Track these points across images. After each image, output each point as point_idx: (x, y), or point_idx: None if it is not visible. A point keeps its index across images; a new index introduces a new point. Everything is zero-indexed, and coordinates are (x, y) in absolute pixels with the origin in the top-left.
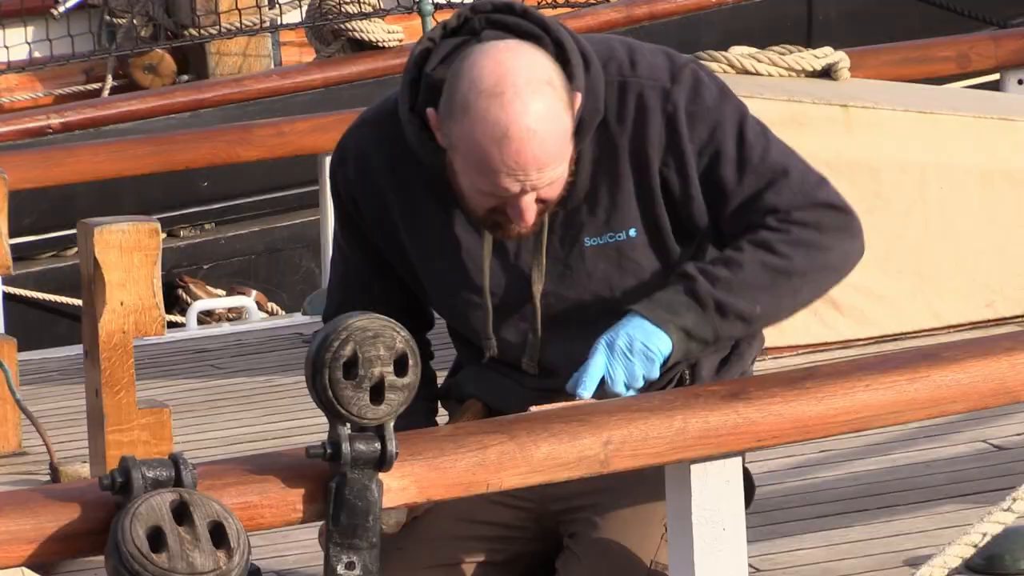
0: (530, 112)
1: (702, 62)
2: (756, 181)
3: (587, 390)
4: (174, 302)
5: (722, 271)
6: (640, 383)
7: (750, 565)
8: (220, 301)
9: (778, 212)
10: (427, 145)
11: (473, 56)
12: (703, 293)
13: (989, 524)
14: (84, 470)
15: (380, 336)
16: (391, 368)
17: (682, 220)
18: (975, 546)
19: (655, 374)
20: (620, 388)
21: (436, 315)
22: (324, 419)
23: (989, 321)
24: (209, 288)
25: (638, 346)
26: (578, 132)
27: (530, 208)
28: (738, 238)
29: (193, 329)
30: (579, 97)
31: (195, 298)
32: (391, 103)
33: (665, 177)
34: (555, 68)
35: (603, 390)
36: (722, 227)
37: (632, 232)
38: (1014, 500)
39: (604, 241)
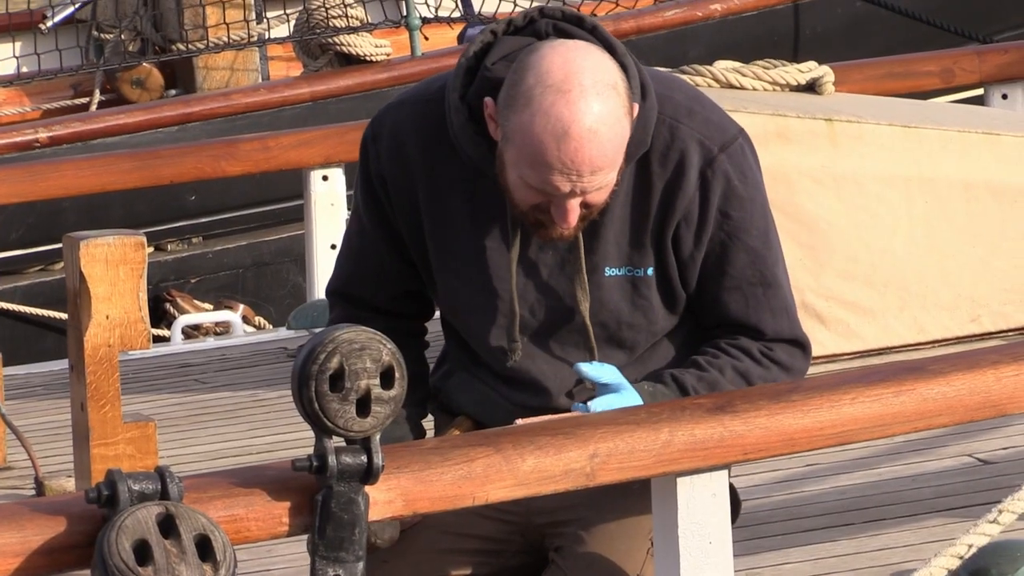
0: (593, 113)
1: (686, 75)
2: (761, 284)
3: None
4: (161, 316)
5: (703, 389)
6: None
7: None
8: (204, 315)
9: (764, 337)
10: (472, 137)
11: (542, 50)
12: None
13: (975, 536)
14: (69, 484)
15: (366, 348)
16: (377, 380)
17: (680, 274)
18: (960, 557)
19: None
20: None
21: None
22: (308, 433)
23: (974, 335)
24: (196, 302)
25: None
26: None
27: (574, 211)
28: (722, 348)
29: (177, 344)
30: (636, 108)
31: (182, 312)
32: (435, 88)
33: (679, 233)
34: (620, 74)
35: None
36: (704, 301)
37: (650, 271)
38: (1000, 512)
39: (623, 273)
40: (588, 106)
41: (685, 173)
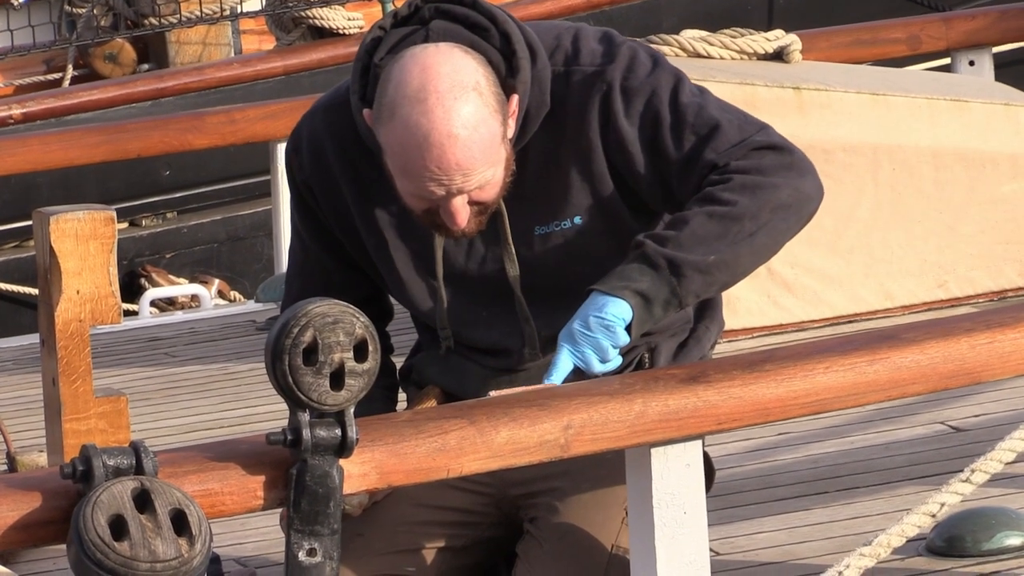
0: (451, 118)
1: (653, 45)
2: (694, 138)
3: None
4: (137, 292)
5: (668, 231)
6: (612, 354)
7: (710, 548)
8: (172, 289)
9: (717, 166)
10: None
11: (403, 60)
12: (652, 254)
13: (947, 495)
14: (41, 459)
15: (340, 322)
16: (351, 354)
17: (639, 197)
18: (933, 516)
19: (622, 340)
20: (597, 367)
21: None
22: (279, 406)
23: (942, 302)
24: (171, 277)
25: (593, 321)
26: (524, 125)
27: (461, 210)
28: (689, 198)
29: (146, 318)
30: (515, 99)
31: (157, 287)
32: (343, 91)
33: (610, 158)
34: (485, 72)
35: (583, 375)
36: (673, 195)
37: (577, 219)
38: (972, 472)
39: (551, 229)
40: (446, 112)
41: (587, 106)
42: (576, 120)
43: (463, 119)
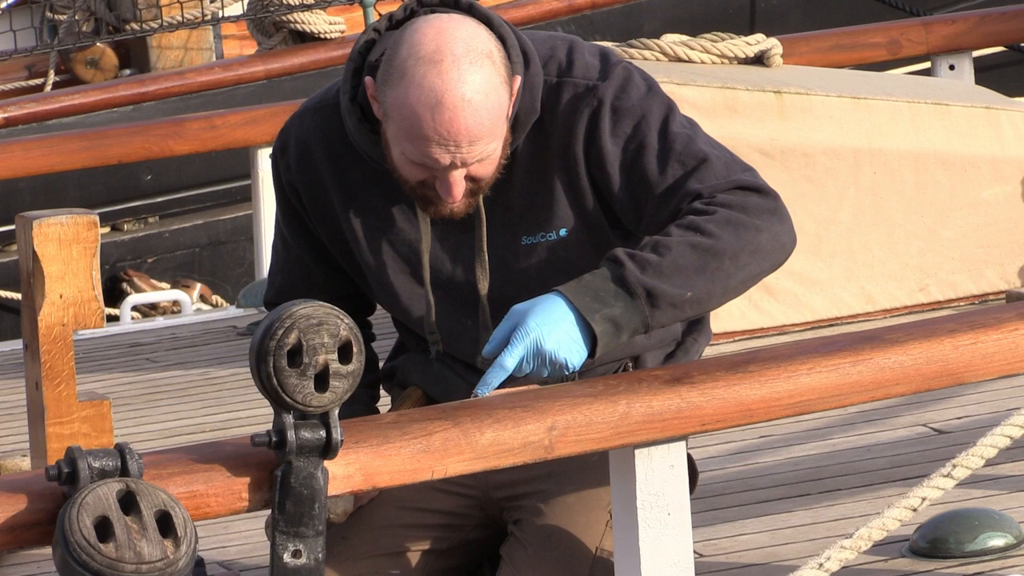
0: (466, 82)
1: (634, 49)
2: (679, 169)
3: (493, 358)
4: (118, 296)
5: (651, 256)
6: (561, 373)
7: (693, 550)
8: (153, 295)
9: (702, 196)
10: (366, 135)
11: (416, 24)
12: (632, 281)
13: (928, 489)
14: (24, 463)
15: (324, 324)
16: (335, 355)
17: (615, 215)
18: (914, 509)
19: (577, 364)
20: (543, 374)
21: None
22: (261, 411)
23: (923, 305)
24: (153, 281)
25: (558, 358)
26: (514, 129)
27: (458, 184)
28: (665, 225)
29: (127, 323)
30: (519, 80)
31: (139, 292)
32: (332, 93)
33: (592, 175)
34: (496, 44)
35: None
36: (649, 218)
37: (563, 232)
38: (954, 467)
39: (537, 240)
40: (461, 75)
41: (575, 120)
42: (563, 132)
43: (477, 84)
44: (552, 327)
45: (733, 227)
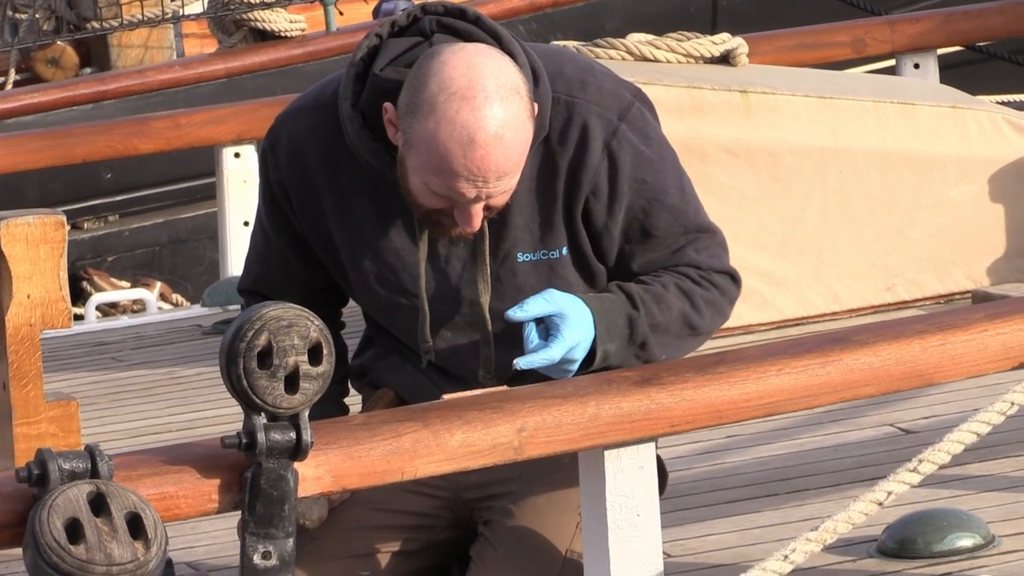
0: (498, 118)
1: (600, 48)
2: (685, 235)
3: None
4: (79, 295)
5: (656, 311)
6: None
7: (662, 551)
8: (118, 294)
9: (700, 269)
10: (368, 143)
11: (443, 55)
12: (640, 331)
13: (894, 483)
14: None
15: (294, 325)
16: (305, 357)
17: (594, 247)
18: (880, 504)
19: (572, 370)
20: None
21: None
22: (228, 411)
23: (889, 305)
24: (114, 280)
25: (569, 369)
26: None
27: (479, 215)
28: (659, 275)
29: (92, 322)
30: (536, 108)
31: (100, 290)
32: (328, 94)
33: (590, 206)
34: (521, 75)
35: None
36: (635, 264)
37: (564, 251)
38: (920, 462)
39: (537, 257)
40: (493, 112)
41: (588, 148)
42: (575, 157)
43: (508, 122)
44: (584, 345)
45: (713, 310)
